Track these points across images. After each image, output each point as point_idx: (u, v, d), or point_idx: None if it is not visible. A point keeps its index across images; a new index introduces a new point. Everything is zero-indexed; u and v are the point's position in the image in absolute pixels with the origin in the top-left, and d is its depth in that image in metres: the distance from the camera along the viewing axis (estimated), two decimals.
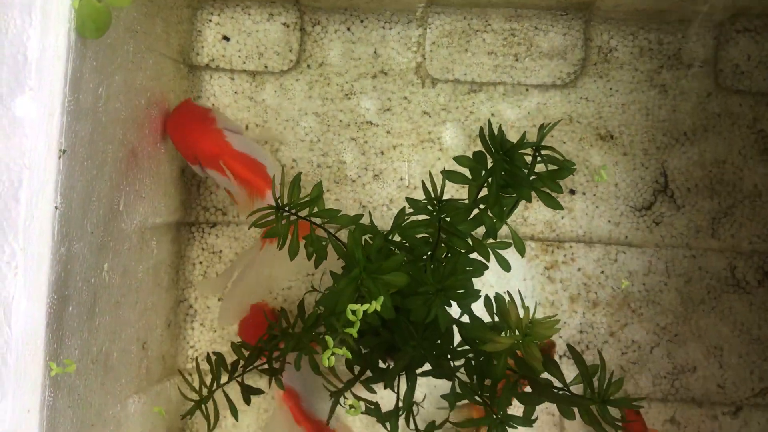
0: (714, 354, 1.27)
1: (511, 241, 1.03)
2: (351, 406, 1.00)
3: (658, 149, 1.29)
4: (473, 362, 1.01)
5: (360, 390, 1.11)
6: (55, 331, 0.87)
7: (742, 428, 1.26)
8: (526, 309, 0.90)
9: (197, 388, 1.02)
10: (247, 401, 1.07)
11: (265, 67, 1.31)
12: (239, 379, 1.05)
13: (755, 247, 1.27)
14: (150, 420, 1.22)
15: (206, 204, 1.32)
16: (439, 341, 1.04)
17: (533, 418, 0.95)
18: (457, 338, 1.06)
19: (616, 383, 0.89)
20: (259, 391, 1.05)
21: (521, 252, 0.99)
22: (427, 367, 1.09)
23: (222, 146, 1.16)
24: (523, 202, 1.30)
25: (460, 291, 0.92)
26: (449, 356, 1.03)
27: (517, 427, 0.94)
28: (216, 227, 1.32)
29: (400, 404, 1.08)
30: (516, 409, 0.98)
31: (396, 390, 1.10)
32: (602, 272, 1.29)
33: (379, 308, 0.92)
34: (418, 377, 1.08)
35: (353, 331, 0.89)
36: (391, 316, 0.95)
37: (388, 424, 1.05)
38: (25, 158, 0.77)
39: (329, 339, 0.90)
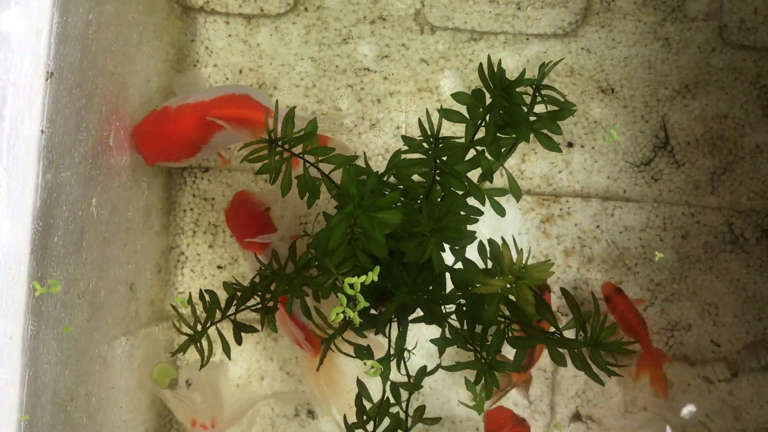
0: (709, 312, 1.26)
1: (507, 188, 1.01)
2: (372, 367, 0.98)
3: (659, 103, 1.26)
4: (464, 308, 0.99)
5: (352, 336, 1.10)
6: (39, 260, 0.85)
7: (734, 389, 1.25)
8: (519, 252, 0.89)
9: (191, 324, 1.00)
10: (239, 341, 1.05)
11: (261, 10, 1.29)
12: (232, 318, 1.03)
13: (754, 204, 1.25)
14: (137, 363, 1.21)
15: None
16: (431, 287, 1.02)
17: (522, 364, 0.94)
18: (450, 287, 1.04)
19: (609, 328, 0.88)
20: (252, 329, 1.04)
21: (517, 196, 0.97)
22: (418, 314, 1.08)
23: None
24: (520, 155, 1.28)
25: (455, 231, 0.90)
26: (441, 302, 1.02)
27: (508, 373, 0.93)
28: (208, 172, 1.30)
29: (392, 351, 1.07)
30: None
31: (387, 336, 1.09)
32: (598, 227, 1.27)
33: (375, 278, 0.90)
34: (410, 324, 1.06)
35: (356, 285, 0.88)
36: (384, 255, 0.93)
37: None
38: (10, 74, 0.75)
39: (342, 297, 0.88)
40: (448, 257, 1.02)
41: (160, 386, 1.07)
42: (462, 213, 0.96)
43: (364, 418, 0.99)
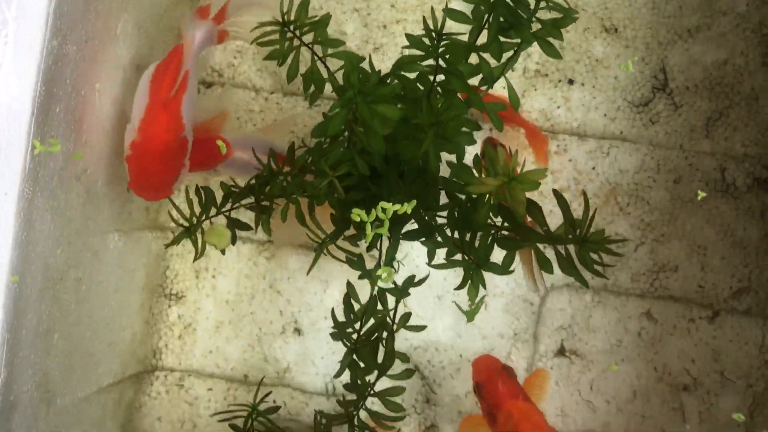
0: (697, 255, 1.27)
1: (505, 103, 1.03)
2: (384, 273, 0.99)
3: (660, 45, 1.28)
4: (456, 215, 1.00)
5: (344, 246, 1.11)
6: (40, 124, 0.86)
7: (716, 331, 1.27)
8: (514, 155, 0.90)
9: (186, 215, 1.01)
10: (233, 240, 1.06)
11: None
12: (227, 214, 1.04)
13: (747, 151, 1.27)
14: (129, 267, 1.22)
15: (203, 63, 1.31)
16: (425, 198, 1.03)
17: (511, 269, 0.95)
18: (444, 200, 1.05)
19: (597, 233, 0.89)
20: (247, 227, 1.05)
21: (515, 105, 0.99)
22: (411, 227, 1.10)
23: None
24: (520, 90, 1.29)
25: (453, 127, 0.92)
26: (434, 211, 1.03)
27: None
28: (212, 88, 1.31)
29: (382, 261, 1.08)
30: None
31: (378, 248, 1.10)
32: (593, 168, 1.29)
33: (409, 211, 0.90)
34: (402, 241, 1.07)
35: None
36: (381, 150, 0.95)
37: None
38: None
39: (359, 212, 0.88)
40: (444, 171, 1.03)
41: (216, 246, 1.02)
42: (463, 114, 0.97)
43: (351, 317, 1.00)
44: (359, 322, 1.00)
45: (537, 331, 1.29)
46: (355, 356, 0.98)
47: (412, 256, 1.27)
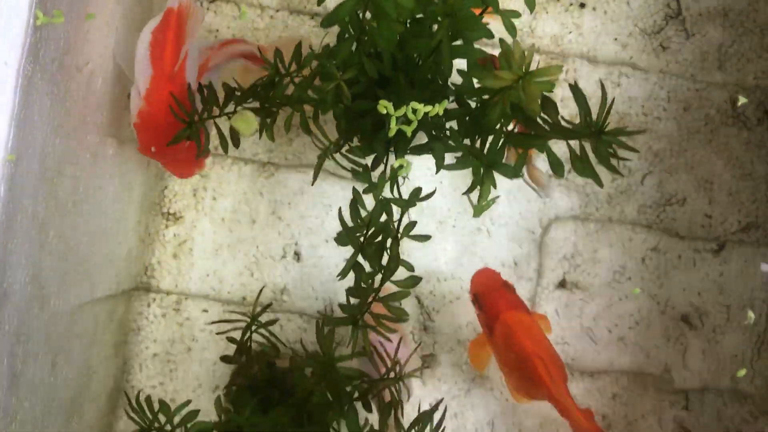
0: (705, 188, 1.26)
1: (519, 11, 1.00)
2: (400, 165, 0.97)
3: None
4: (467, 118, 0.98)
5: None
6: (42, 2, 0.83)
7: (722, 264, 1.25)
8: (530, 50, 0.88)
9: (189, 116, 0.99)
10: (236, 143, 1.03)
11: None
12: (229, 116, 1.02)
13: (759, 83, 1.25)
14: (126, 180, 1.19)
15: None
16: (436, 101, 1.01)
17: (521, 174, 0.93)
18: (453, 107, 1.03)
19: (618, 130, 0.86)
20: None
21: (531, 7, 0.96)
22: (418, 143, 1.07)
23: None
24: (532, 13, 1.26)
25: (468, 20, 0.89)
26: (445, 117, 1.00)
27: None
28: (215, 3, 1.28)
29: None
30: None
31: (385, 161, 1.07)
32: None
33: (441, 112, 0.87)
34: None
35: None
36: (394, 40, 0.92)
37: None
38: None
39: (386, 104, 0.84)
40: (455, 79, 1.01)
41: (242, 134, 0.99)
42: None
43: (359, 222, 0.98)
44: (365, 228, 0.97)
45: (540, 261, 1.27)
46: (360, 258, 0.96)
47: (417, 174, 1.24)
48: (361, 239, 0.97)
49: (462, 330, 1.27)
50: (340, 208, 0.98)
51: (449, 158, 1.02)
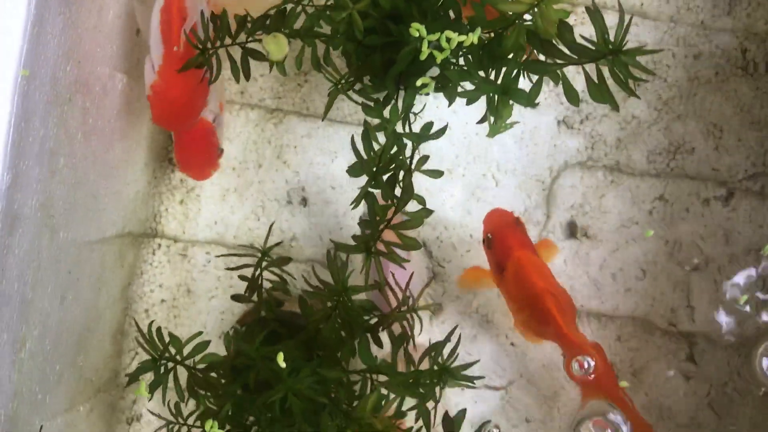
0: (713, 134, 1.26)
1: None
2: (423, 84, 0.97)
3: None
4: (481, 52, 0.98)
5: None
6: None
7: (730, 212, 1.25)
8: None
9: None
10: (247, 75, 1.03)
11: None
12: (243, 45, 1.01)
13: None
14: (137, 112, 1.18)
15: None
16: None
17: (536, 102, 0.93)
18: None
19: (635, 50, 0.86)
20: (261, 56, 1.02)
21: None
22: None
23: None
24: None
25: None
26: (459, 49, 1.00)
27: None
28: None
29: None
30: None
31: (395, 98, 1.07)
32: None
33: (476, 40, 0.87)
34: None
35: None
36: None
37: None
38: None
39: (418, 27, 0.82)
40: None
41: (272, 58, 1.01)
42: None
43: (372, 153, 0.97)
44: (378, 159, 0.97)
45: (548, 209, 1.27)
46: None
47: (431, 107, 1.23)
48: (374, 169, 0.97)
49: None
50: (352, 136, 0.98)
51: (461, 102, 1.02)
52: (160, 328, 0.99)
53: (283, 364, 0.93)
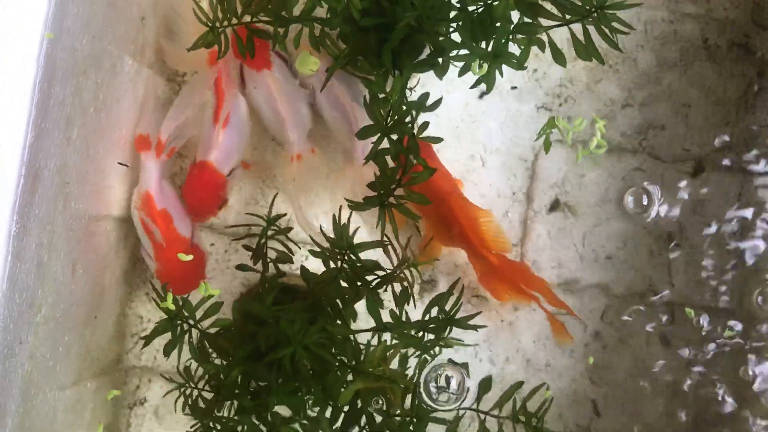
0: (682, 113, 1.35)
1: None
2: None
3: None
4: (472, 22, 1.05)
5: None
6: None
7: (701, 185, 1.34)
8: None
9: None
10: (252, 51, 1.08)
11: None
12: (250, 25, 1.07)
13: (729, 15, 1.35)
14: (139, 95, 1.22)
15: None
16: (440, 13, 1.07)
17: (525, 65, 1.00)
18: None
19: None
20: (266, 35, 1.07)
21: None
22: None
23: None
24: None
25: None
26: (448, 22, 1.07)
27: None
28: None
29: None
30: None
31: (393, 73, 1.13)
32: None
33: None
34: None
35: None
36: None
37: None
38: None
39: None
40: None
41: (303, 74, 1.19)
42: None
43: (380, 113, 1.03)
44: (386, 119, 1.02)
45: (531, 187, 1.34)
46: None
47: (426, 83, 1.30)
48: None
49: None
50: (365, 96, 1.04)
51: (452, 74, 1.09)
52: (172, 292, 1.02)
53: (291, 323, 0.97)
